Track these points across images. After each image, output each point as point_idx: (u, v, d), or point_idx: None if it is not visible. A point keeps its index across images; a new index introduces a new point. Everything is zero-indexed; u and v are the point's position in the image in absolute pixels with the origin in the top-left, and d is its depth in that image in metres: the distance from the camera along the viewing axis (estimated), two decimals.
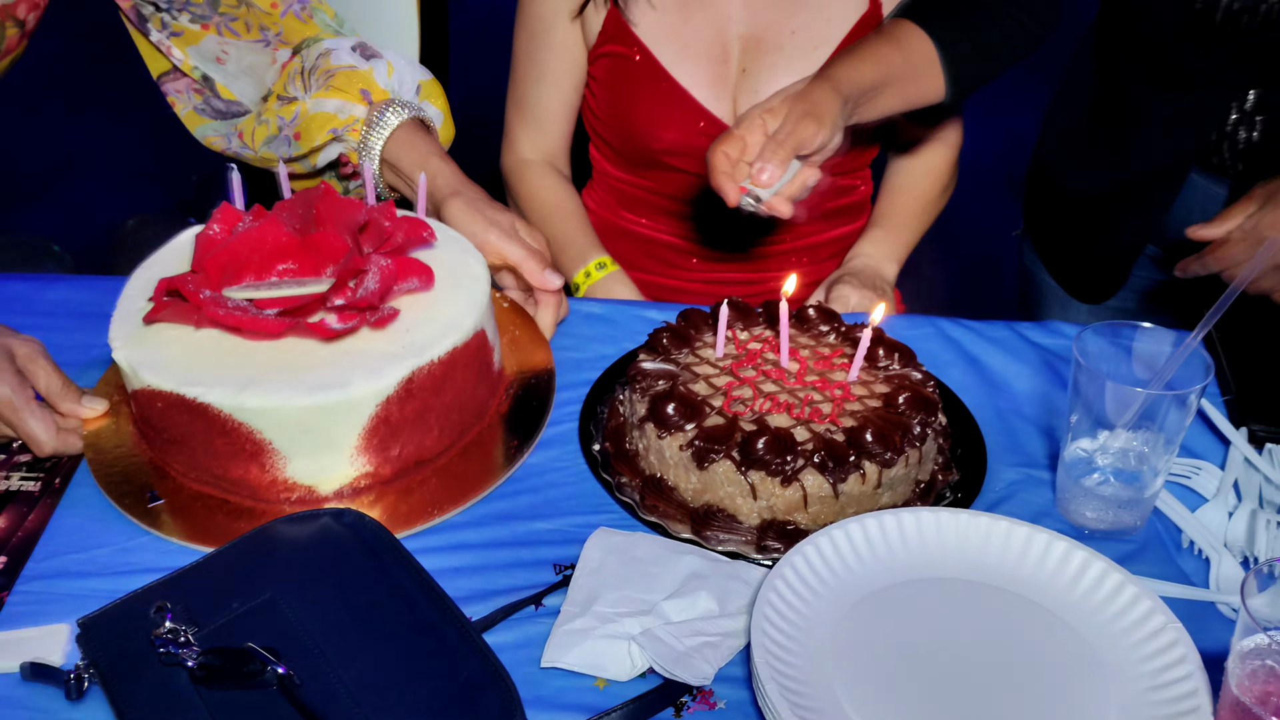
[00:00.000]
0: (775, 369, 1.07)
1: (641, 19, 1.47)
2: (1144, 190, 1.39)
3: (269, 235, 1.04)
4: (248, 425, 0.93)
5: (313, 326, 0.98)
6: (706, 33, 1.47)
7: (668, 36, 1.47)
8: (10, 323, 1.06)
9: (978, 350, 1.24)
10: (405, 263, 1.06)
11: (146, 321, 1.00)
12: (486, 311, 1.06)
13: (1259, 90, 1.28)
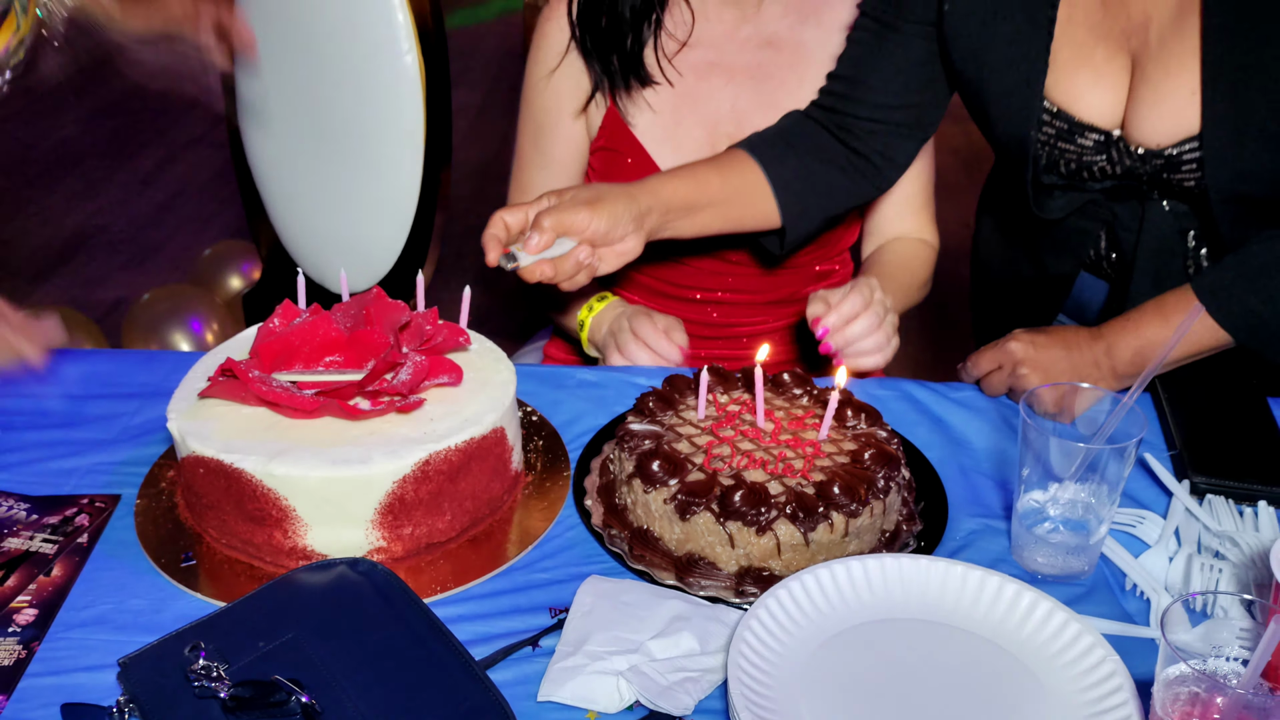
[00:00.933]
0: (752, 429, 1.08)
1: (639, 118, 1.50)
2: (1040, 286, 1.40)
3: (320, 330, 1.08)
4: (275, 492, 0.95)
5: (345, 407, 1.01)
6: (697, 133, 1.50)
7: (662, 137, 1.50)
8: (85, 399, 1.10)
9: (942, 410, 1.24)
10: (438, 361, 1.08)
11: (200, 396, 1.03)
12: (508, 412, 1.07)
13: (1120, 214, 1.28)
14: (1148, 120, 1.15)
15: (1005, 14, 1.17)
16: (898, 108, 1.29)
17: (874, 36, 1.27)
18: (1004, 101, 1.21)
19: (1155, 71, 1.13)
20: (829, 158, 1.32)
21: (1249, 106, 1.08)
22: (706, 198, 1.25)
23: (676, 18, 1.49)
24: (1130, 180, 1.21)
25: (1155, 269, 1.26)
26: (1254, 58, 1.06)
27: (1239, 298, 1.14)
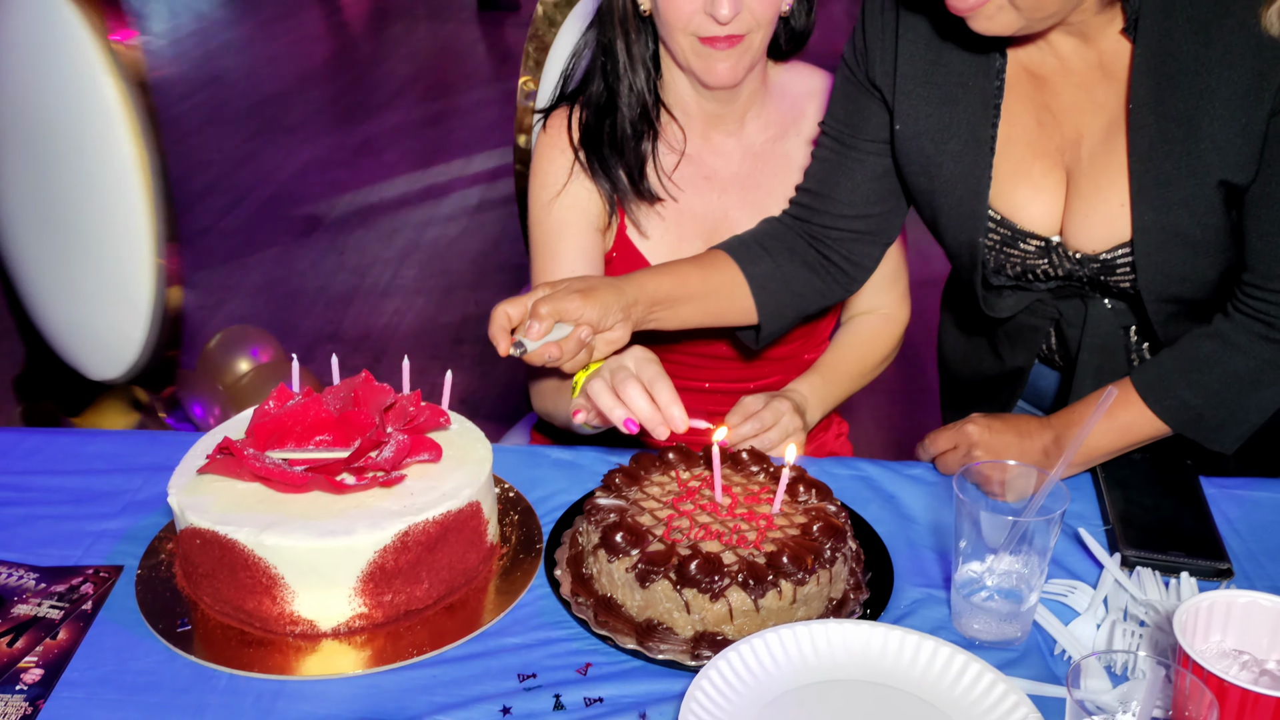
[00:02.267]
0: (710, 503, 1.15)
1: (649, 230, 1.59)
2: (999, 378, 1.48)
3: (312, 411, 1.17)
4: (265, 561, 1.03)
5: (332, 482, 1.10)
6: (697, 243, 1.59)
7: (667, 251, 1.59)
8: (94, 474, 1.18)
9: (895, 487, 1.32)
10: (420, 440, 1.17)
11: (199, 473, 1.12)
12: (484, 487, 1.15)
13: (1065, 312, 1.37)
14: (1083, 228, 1.24)
15: (950, 134, 1.27)
16: (859, 218, 1.39)
17: (834, 154, 1.37)
18: (953, 212, 1.31)
19: (1088, 185, 1.23)
20: (802, 260, 1.42)
21: (1174, 217, 1.17)
22: (688, 292, 1.35)
23: (669, 137, 1.60)
24: (1072, 281, 1.31)
25: (1099, 363, 1.35)
26: (1176, 174, 1.15)
27: (1174, 391, 1.23)
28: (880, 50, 1.28)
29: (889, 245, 1.46)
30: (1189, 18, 1.08)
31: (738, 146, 1.59)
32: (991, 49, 1.21)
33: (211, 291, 4.14)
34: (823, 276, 1.42)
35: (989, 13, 1.09)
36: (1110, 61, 1.16)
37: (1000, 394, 1.47)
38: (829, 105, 1.38)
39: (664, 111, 1.58)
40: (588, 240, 1.58)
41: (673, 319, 1.34)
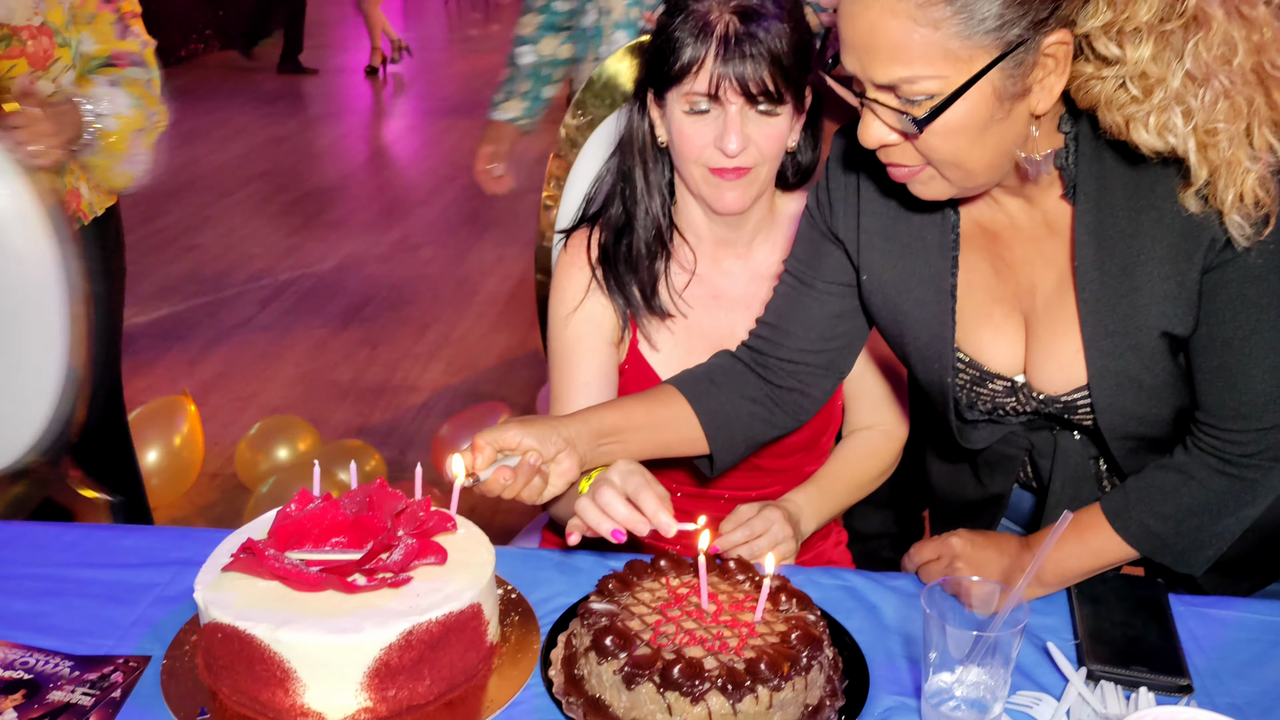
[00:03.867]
0: (696, 610, 1.23)
1: (660, 345, 1.69)
2: (982, 503, 1.55)
3: (329, 515, 1.27)
4: (280, 655, 1.12)
5: (344, 583, 1.19)
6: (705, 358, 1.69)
7: (677, 366, 1.66)
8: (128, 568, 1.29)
9: (877, 597, 1.39)
10: (427, 543, 1.26)
11: (224, 570, 1.21)
12: (485, 590, 1.23)
13: (1037, 443, 1.45)
14: (1044, 371, 1.33)
15: (914, 283, 1.36)
16: (814, 352, 1.48)
17: (794, 291, 1.47)
18: (922, 354, 1.40)
19: (1044, 332, 1.32)
20: (751, 394, 1.50)
21: (1124, 363, 1.25)
22: (632, 424, 1.44)
23: (681, 258, 1.71)
24: (1041, 417, 1.39)
25: (1070, 491, 1.42)
26: (1122, 325, 1.23)
27: (1139, 519, 1.30)
28: (844, 205, 1.39)
29: (841, 379, 1.54)
30: (1122, 185, 1.18)
31: (745, 269, 1.70)
32: (945, 206, 1.31)
33: (248, 382, 4.29)
34: (771, 409, 1.51)
35: (923, 179, 1.20)
36: (1055, 220, 1.26)
37: (983, 516, 1.54)
38: (793, 246, 1.48)
39: (677, 234, 1.70)
40: (602, 353, 1.69)
41: (624, 451, 1.43)
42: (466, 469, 1.30)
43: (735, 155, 1.52)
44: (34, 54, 2.02)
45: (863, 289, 1.41)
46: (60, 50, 2.04)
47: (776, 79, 1.49)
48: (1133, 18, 1.06)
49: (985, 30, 1.06)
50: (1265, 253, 1.14)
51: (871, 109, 1.15)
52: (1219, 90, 1.07)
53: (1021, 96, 1.11)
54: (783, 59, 1.49)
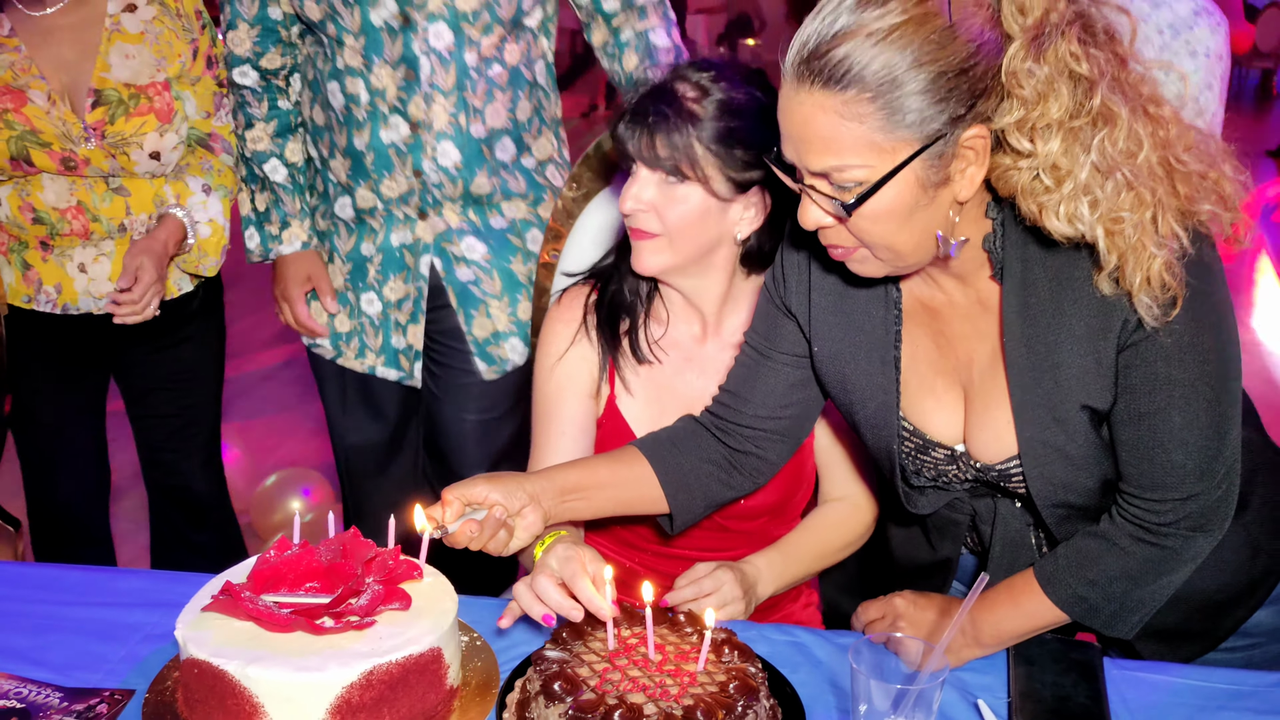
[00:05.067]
0: (643, 659, 1.31)
1: (638, 392, 1.77)
2: (933, 566, 1.62)
3: (304, 561, 1.36)
4: (249, 690, 1.21)
5: (311, 625, 1.28)
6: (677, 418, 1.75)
7: (650, 422, 1.75)
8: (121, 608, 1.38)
9: (824, 654, 1.46)
10: (393, 590, 1.35)
11: (204, 611, 1.31)
12: (447, 635, 1.32)
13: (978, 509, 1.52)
14: (980, 441, 1.40)
15: (861, 355, 1.45)
16: (771, 419, 1.56)
17: (753, 361, 1.56)
18: (869, 422, 1.48)
19: (979, 404, 1.40)
20: (710, 457, 1.59)
21: (1050, 435, 1.33)
22: (595, 482, 1.53)
23: (657, 314, 1.80)
24: (981, 484, 1.47)
25: (1009, 556, 1.48)
26: (1047, 399, 1.31)
27: (1068, 585, 1.37)
28: (796, 282, 1.48)
29: (798, 445, 1.62)
30: (1043, 267, 1.27)
31: (716, 340, 1.78)
32: (888, 284, 1.41)
33: (268, 435, 4.42)
34: (729, 471, 1.59)
35: (858, 259, 1.29)
36: (986, 299, 1.35)
37: (935, 579, 1.60)
38: (752, 319, 1.58)
39: (660, 294, 1.79)
40: (581, 405, 1.79)
41: (587, 508, 1.53)
42: (434, 521, 1.39)
43: (628, 214, 1.63)
44: (160, 109, 2.20)
45: (814, 360, 1.50)
46: (178, 104, 2.23)
47: (673, 151, 1.57)
48: (1044, 115, 1.16)
49: (906, 125, 1.16)
50: (1173, 333, 1.22)
51: (808, 194, 1.25)
52: (1123, 182, 1.16)
53: (944, 185, 1.21)
54: (684, 134, 1.57)
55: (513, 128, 2.24)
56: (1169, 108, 1.22)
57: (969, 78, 1.16)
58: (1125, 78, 1.20)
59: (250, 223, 2.34)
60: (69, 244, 2.25)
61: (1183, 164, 1.20)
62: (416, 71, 2.12)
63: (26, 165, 2.16)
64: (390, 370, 2.38)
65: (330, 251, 2.36)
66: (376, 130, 2.17)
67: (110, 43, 2.20)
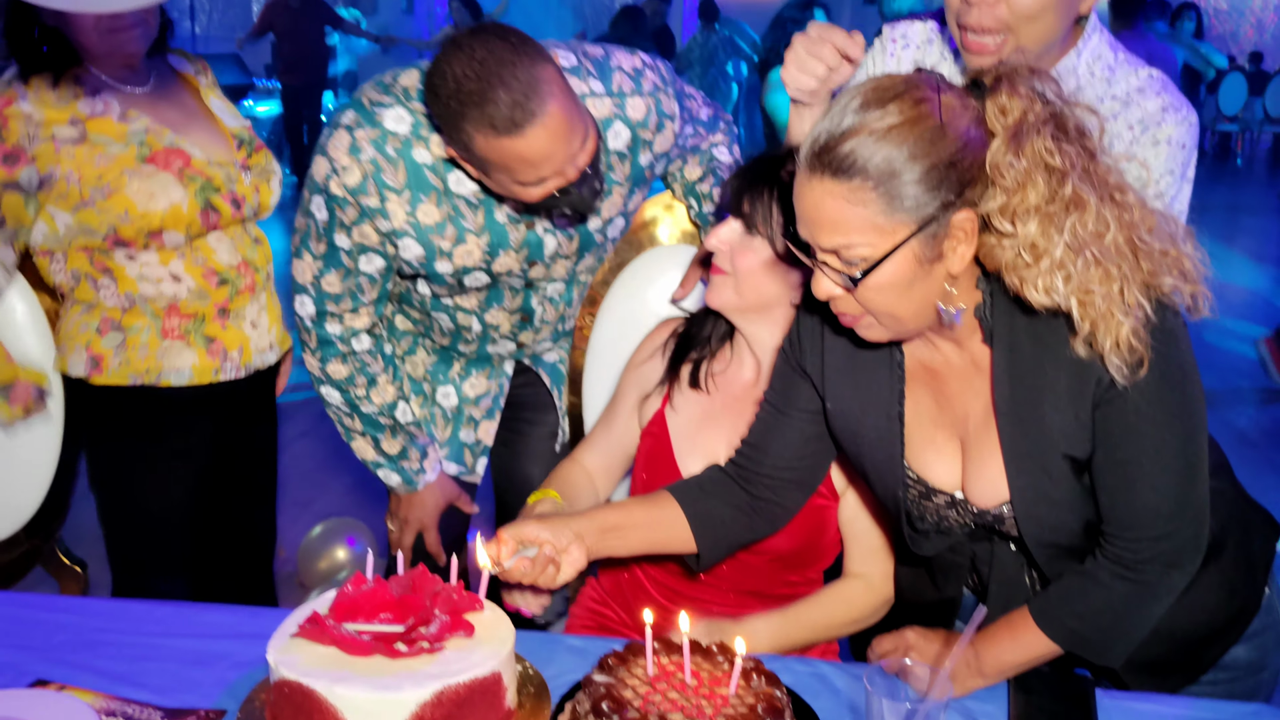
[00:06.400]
0: (681, 683, 1.48)
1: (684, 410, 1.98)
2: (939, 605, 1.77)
3: (379, 595, 1.54)
4: (334, 707, 1.38)
5: (389, 649, 1.46)
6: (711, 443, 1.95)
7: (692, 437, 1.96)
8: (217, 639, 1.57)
9: (843, 683, 1.62)
10: (458, 620, 1.53)
11: (293, 637, 1.49)
12: (505, 662, 1.49)
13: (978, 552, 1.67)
14: (976, 488, 1.57)
15: (868, 411, 1.63)
16: (787, 469, 1.74)
17: (772, 417, 1.75)
18: (877, 471, 1.66)
19: (975, 453, 1.57)
20: (734, 503, 1.77)
21: (1037, 481, 1.50)
22: (632, 523, 1.73)
23: (723, 355, 2.01)
24: (979, 528, 1.64)
25: (1006, 595, 1.64)
26: (1033, 449, 1.48)
27: (1059, 618, 1.53)
28: (810, 344, 1.67)
29: (811, 491, 1.80)
30: (1027, 333, 1.45)
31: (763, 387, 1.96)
32: (892, 347, 1.59)
33: (305, 490, 4.61)
34: (751, 516, 1.77)
35: (864, 325, 1.48)
36: (979, 361, 1.53)
37: (940, 617, 1.76)
38: (770, 379, 1.77)
39: (732, 340, 2.00)
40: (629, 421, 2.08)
41: (624, 545, 1.72)
42: (492, 558, 1.58)
43: (710, 250, 1.86)
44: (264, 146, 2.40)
45: (828, 415, 1.68)
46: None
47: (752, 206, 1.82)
48: (1023, 201, 1.35)
49: (904, 209, 1.36)
50: (1142, 390, 1.39)
51: (820, 268, 1.44)
52: (1092, 259, 1.35)
53: (938, 260, 1.40)
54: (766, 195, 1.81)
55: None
56: (1133, 194, 1.41)
57: (958, 169, 1.36)
58: (1094, 169, 1.39)
59: (382, 465, 2.26)
60: (243, 302, 2.33)
61: (1146, 243, 1.39)
62: (531, 317, 2.28)
63: (212, 213, 2.22)
64: (451, 464, 2.40)
65: (415, 344, 2.40)
66: (484, 345, 2.31)
67: (206, 99, 2.38)
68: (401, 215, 1.98)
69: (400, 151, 1.94)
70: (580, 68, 2.00)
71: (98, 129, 2.17)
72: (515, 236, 2.08)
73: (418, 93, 1.94)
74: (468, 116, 1.72)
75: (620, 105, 2.03)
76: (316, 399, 2.22)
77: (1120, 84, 1.84)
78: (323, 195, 1.97)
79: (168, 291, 2.25)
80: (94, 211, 2.14)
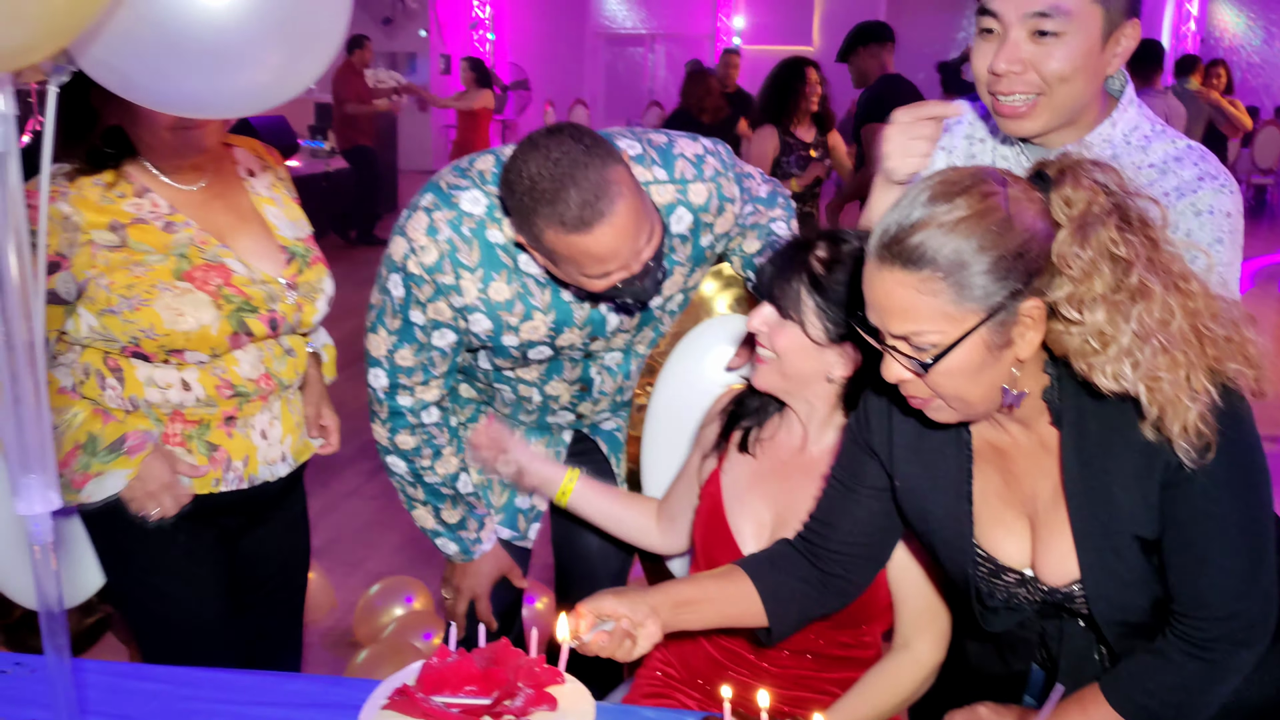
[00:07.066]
0: None
1: (730, 474, 2.05)
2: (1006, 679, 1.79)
3: (464, 668, 1.61)
4: None
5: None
6: (758, 505, 2.01)
7: (741, 498, 2.02)
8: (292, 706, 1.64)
9: None
10: (541, 694, 1.59)
11: (383, 709, 1.55)
12: None
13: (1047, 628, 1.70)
14: (1046, 566, 1.61)
15: (937, 489, 1.67)
16: (856, 545, 1.79)
17: (839, 494, 1.80)
18: (947, 549, 1.70)
19: (1045, 532, 1.61)
20: (804, 577, 1.82)
21: (1107, 561, 1.53)
22: (705, 597, 1.79)
23: (773, 422, 2.08)
24: (1049, 605, 1.67)
25: (1076, 671, 1.67)
26: (1103, 530, 1.52)
27: (1130, 694, 1.56)
28: (879, 424, 1.73)
29: (881, 566, 1.85)
30: (1095, 416, 1.50)
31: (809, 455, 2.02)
32: (959, 427, 1.64)
33: (354, 549, 4.68)
34: (820, 590, 1.82)
35: (934, 408, 1.53)
36: (1047, 442, 1.58)
37: (1008, 692, 1.79)
38: (838, 455, 1.83)
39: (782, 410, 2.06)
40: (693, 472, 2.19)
41: (697, 619, 1.78)
42: (571, 632, 1.63)
43: (752, 331, 1.94)
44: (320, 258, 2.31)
45: (896, 493, 1.73)
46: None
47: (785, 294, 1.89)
48: (1089, 290, 1.41)
49: (973, 298, 1.41)
50: (1209, 474, 1.44)
51: (890, 353, 1.50)
52: (1159, 347, 1.40)
53: (1006, 346, 1.45)
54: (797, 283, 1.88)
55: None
56: (1196, 281, 1.47)
57: (1025, 260, 1.42)
58: (1158, 257, 1.45)
59: (441, 534, 2.35)
60: (253, 411, 2.19)
61: (1210, 329, 1.44)
62: (590, 387, 2.34)
63: (245, 336, 2.11)
64: (505, 529, 2.46)
65: (477, 411, 2.44)
66: (544, 415, 2.39)
67: (260, 205, 2.25)
68: (474, 292, 2.07)
69: (475, 232, 2.04)
70: (645, 155, 2.10)
71: (139, 236, 2.04)
72: (579, 314, 2.16)
73: (493, 176, 2.04)
74: (540, 212, 1.82)
75: (683, 191, 2.12)
76: (363, 455, 2.28)
77: (1156, 152, 1.89)
78: (400, 273, 2.06)
79: (174, 398, 2.11)
80: (118, 320, 2.02)
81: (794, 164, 5.84)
